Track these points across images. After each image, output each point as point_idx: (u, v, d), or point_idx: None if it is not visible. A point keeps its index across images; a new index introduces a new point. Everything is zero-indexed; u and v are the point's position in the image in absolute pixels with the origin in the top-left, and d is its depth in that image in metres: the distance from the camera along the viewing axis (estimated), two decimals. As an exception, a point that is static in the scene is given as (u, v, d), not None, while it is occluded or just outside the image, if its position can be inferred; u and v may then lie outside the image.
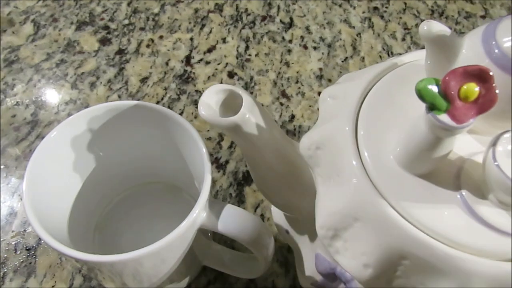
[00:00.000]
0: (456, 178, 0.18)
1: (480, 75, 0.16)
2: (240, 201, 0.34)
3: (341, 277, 0.22)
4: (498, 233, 0.17)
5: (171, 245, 0.22)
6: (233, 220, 0.22)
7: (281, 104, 0.40)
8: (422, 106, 0.16)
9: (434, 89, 0.16)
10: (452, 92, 0.15)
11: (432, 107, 0.16)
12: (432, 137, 0.16)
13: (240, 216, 0.22)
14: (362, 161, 0.18)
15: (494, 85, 0.15)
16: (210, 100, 0.20)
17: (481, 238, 0.17)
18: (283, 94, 0.40)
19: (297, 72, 0.42)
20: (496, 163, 0.16)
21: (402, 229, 0.17)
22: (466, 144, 0.19)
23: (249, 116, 0.19)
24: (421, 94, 0.16)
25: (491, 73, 0.15)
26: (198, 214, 0.21)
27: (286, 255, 0.31)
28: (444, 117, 0.15)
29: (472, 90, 0.15)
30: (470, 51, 0.18)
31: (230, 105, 0.20)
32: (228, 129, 0.20)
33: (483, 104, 0.16)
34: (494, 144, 0.16)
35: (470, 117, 0.15)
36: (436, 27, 0.18)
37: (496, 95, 0.15)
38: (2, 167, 0.35)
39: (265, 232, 0.22)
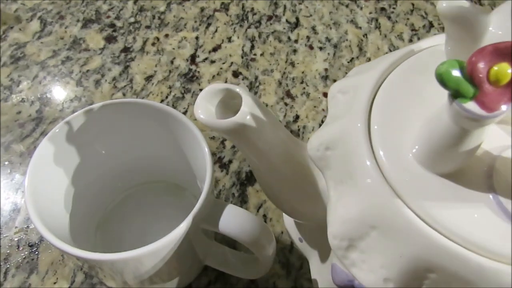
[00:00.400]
0: (487, 177, 0.16)
1: None
2: (242, 201, 0.34)
3: None
4: None
5: (171, 244, 0.21)
6: (233, 220, 0.22)
7: (286, 104, 0.39)
8: (445, 95, 0.14)
9: (458, 73, 0.13)
10: (481, 75, 0.13)
11: (456, 94, 0.13)
12: (458, 129, 0.14)
13: (241, 216, 0.22)
14: (377, 161, 0.16)
15: None
16: (207, 102, 0.19)
17: None
18: (288, 94, 0.40)
19: (302, 72, 0.42)
20: None
21: (426, 237, 0.15)
22: (497, 138, 0.16)
23: (250, 116, 0.18)
24: (443, 79, 0.13)
25: None
26: (199, 214, 0.21)
27: (288, 257, 0.31)
28: (471, 105, 0.13)
29: (504, 71, 0.13)
30: (499, 28, 0.16)
31: (230, 105, 0.19)
32: (228, 132, 0.18)
33: None
34: None
35: (502, 103, 0.13)
36: (457, 2, 0.16)
37: None
38: (6, 163, 0.35)
39: (266, 233, 0.22)
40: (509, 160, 0.16)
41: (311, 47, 0.44)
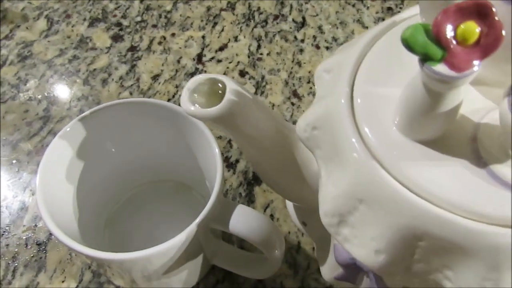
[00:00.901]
0: (472, 140, 0.15)
1: (478, 11, 0.13)
2: (249, 201, 0.34)
3: (362, 266, 0.20)
4: None
5: (181, 244, 0.22)
6: (243, 220, 0.22)
7: (292, 104, 0.39)
8: None
9: (424, 36, 0.13)
10: (447, 36, 0.13)
11: (425, 58, 0.13)
12: (432, 93, 0.14)
13: (250, 216, 0.22)
14: (362, 136, 0.16)
15: (497, 19, 0.13)
16: (193, 93, 0.19)
17: (509, 206, 0.14)
18: (295, 94, 0.40)
19: (309, 72, 0.42)
20: None
21: (412, 204, 0.15)
22: (478, 101, 0.16)
23: (236, 103, 0.18)
24: (409, 44, 0.13)
25: (492, 8, 0.13)
26: (209, 214, 0.21)
27: (295, 256, 0.31)
28: (441, 67, 0.13)
29: (471, 30, 0.13)
30: None
31: (218, 95, 0.19)
32: (216, 120, 0.18)
33: (487, 45, 0.13)
34: (508, 93, 0.14)
35: (472, 63, 0.13)
36: None
37: (501, 33, 0.13)
38: (14, 162, 0.35)
39: (275, 233, 0.22)
40: (492, 123, 0.16)
41: (317, 47, 0.44)
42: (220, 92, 0.19)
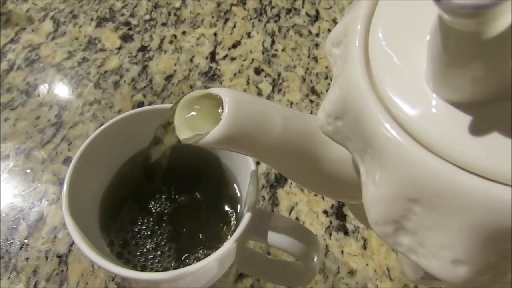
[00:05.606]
0: None
1: None
2: (273, 204, 0.33)
3: None
4: None
5: (217, 261, 0.20)
6: (282, 231, 0.21)
7: (311, 101, 0.38)
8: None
9: None
10: None
11: None
12: (462, 36, 0.10)
13: (288, 227, 0.21)
14: (393, 114, 0.13)
15: None
16: (187, 117, 0.17)
17: None
18: (313, 90, 0.39)
19: (326, 67, 0.40)
20: None
21: (485, 194, 0.11)
22: None
23: (239, 120, 0.15)
24: None
25: None
26: (246, 228, 0.20)
27: (324, 261, 0.30)
28: None
29: None
30: None
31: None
32: (222, 146, 0.16)
33: None
34: None
35: None
36: None
37: None
38: (28, 171, 0.34)
39: (315, 243, 0.21)
40: None
41: (333, 41, 0.42)
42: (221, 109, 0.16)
